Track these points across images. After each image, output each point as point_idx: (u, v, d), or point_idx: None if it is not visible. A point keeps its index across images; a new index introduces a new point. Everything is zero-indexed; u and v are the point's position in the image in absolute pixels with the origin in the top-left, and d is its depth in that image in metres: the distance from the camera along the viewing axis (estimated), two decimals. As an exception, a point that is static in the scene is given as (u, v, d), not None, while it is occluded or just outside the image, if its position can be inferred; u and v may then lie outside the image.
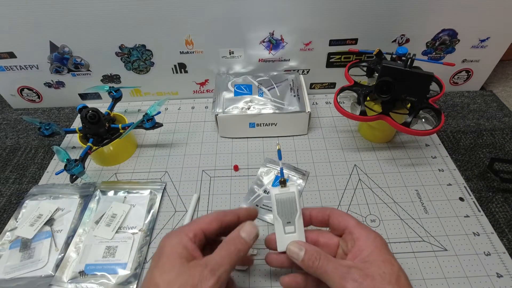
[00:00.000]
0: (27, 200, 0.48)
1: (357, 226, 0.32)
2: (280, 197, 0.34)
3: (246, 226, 0.32)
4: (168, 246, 0.29)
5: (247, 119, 0.54)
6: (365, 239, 0.31)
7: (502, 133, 0.58)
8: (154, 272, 0.28)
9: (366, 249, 0.30)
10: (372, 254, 0.30)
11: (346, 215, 0.34)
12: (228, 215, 0.33)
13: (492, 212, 0.46)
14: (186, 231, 0.30)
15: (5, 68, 0.60)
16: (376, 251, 0.30)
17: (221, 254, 0.29)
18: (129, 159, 0.55)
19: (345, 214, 0.34)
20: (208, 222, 0.32)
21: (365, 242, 0.31)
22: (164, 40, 0.57)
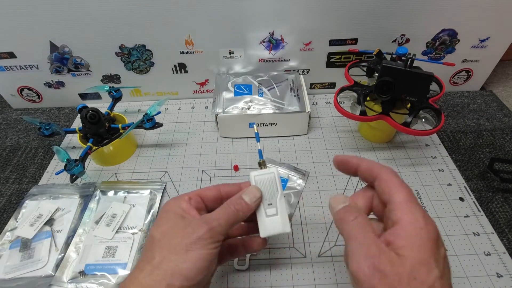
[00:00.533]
0: (27, 200, 0.48)
1: (403, 205, 0.25)
2: (259, 178, 0.32)
3: (250, 189, 0.31)
4: (166, 207, 0.31)
5: (247, 119, 0.54)
6: (406, 225, 0.24)
7: (502, 133, 0.58)
8: (152, 229, 0.29)
9: (403, 239, 0.24)
10: (408, 248, 0.23)
11: (396, 185, 0.26)
12: (229, 185, 0.33)
13: (492, 212, 0.46)
14: (183, 195, 0.31)
15: (5, 68, 0.60)
16: (415, 246, 0.23)
17: (218, 211, 0.30)
18: (129, 159, 0.55)
19: (395, 182, 0.27)
20: (206, 188, 0.33)
21: (405, 229, 0.24)
22: (164, 40, 0.57)
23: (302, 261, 0.41)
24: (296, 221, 0.45)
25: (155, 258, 0.27)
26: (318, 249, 0.42)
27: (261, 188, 0.32)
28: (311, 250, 0.42)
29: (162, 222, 0.29)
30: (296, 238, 0.43)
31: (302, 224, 0.44)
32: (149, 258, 0.27)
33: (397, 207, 0.25)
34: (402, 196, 0.25)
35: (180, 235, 0.27)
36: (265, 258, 0.41)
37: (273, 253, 0.42)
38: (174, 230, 0.28)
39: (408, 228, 0.24)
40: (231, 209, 0.30)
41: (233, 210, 0.30)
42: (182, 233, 0.28)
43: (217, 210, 0.30)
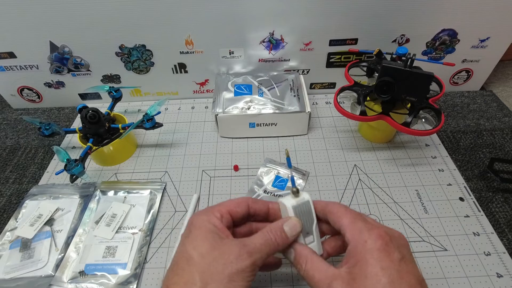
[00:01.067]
0: (27, 200, 0.48)
1: (349, 226, 0.28)
2: (298, 209, 0.31)
3: (292, 220, 0.30)
4: (197, 222, 0.29)
5: (247, 119, 0.54)
6: (354, 243, 0.27)
7: (502, 133, 0.58)
8: (187, 245, 0.28)
9: (354, 256, 0.26)
10: (358, 264, 0.25)
11: (342, 212, 0.29)
12: (258, 203, 0.32)
13: (492, 212, 0.46)
14: (213, 211, 0.30)
15: (5, 68, 0.60)
16: (361, 262, 0.25)
17: (260, 241, 0.28)
18: (129, 159, 0.55)
19: (341, 210, 0.29)
20: (235, 205, 0.31)
21: (353, 247, 0.27)
22: (164, 40, 0.57)
23: (302, 261, 0.41)
24: (296, 221, 0.45)
25: (196, 283, 0.26)
26: (318, 249, 0.42)
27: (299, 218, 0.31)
28: (311, 250, 0.42)
29: (199, 240, 0.28)
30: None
31: (302, 224, 0.44)
32: (189, 281, 0.26)
33: (345, 230, 0.28)
34: (347, 219, 0.28)
35: (221, 262, 0.26)
36: (265, 258, 0.41)
37: (273, 253, 0.42)
38: (213, 254, 0.27)
39: (355, 246, 0.26)
40: (272, 240, 0.28)
41: (274, 242, 0.29)
42: (224, 260, 0.26)
43: (259, 238, 0.29)
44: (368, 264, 0.25)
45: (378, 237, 0.26)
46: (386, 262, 0.25)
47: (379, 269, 0.24)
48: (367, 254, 0.25)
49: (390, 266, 0.24)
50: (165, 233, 0.44)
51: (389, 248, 0.25)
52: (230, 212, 0.30)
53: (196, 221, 0.29)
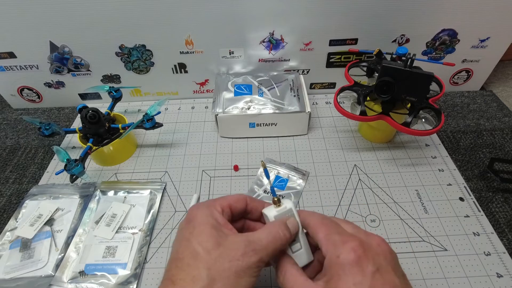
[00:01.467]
0: (27, 200, 0.48)
1: (324, 240, 0.27)
2: (279, 218, 0.30)
3: (292, 219, 0.30)
4: (199, 216, 0.29)
5: (247, 119, 0.54)
6: (329, 258, 0.26)
7: (502, 133, 0.58)
8: (192, 240, 0.27)
9: (329, 271, 0.26)
10: (332, 280, 0.25)
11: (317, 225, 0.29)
12: (255, 201, 0.32)
13: (492, 212, 0.46)
14: (214, 205, 0.30)
15: (5, 68, 0.60)
16: (336, 276, 0.25)
17: (267, 237, 0.28)
18: (129, 159, 0.55)
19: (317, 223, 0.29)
20: (235, 200, 0.31)
21: (329, 260, 0.26)
22: (164, 40, 0.57)
23: (302, 261, 0.41)
24: (296, 221, 0.45)
25: (204, 280, 0.25)
26: (318, 249, 0.42)
27: None
28: (311, 250, 0.42)
29: (204, 236, 0.27)
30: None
31: (302, 224, 0.44)
32: (196, 279, 0.26)
33: (321, 244, 0.27)
34: (322, 233, 0.28)
35: (227, 259, 0.26)
36: (265, 258, 0.41)
37: (273, 253, 0.42)
38: (219, 250, 0.26)
39: (330, 260, 0.26)
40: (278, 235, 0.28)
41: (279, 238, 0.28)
42: (230, 257, 0.26)
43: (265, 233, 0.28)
44: (340, 279, 0.25)
45: (350, 250, 0.25)
46: (358, 277, 0.24)
47: (351, 285, 0.24)
48: (339, 270, 0.25)
49: (363, 281, 0.24)
50: (165, 233, 0.44)
51: (362, 262, 0.25)
52: (230, 207, 0.30)
53: (197, 214, 0.29)
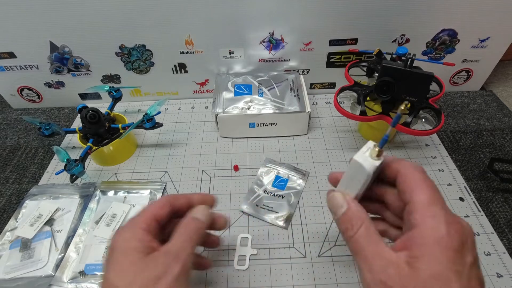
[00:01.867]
0: (27, 200, 0.48)
1: (424, 208, 0.23)
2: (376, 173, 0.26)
3: (197, 208, 0.30)
4: (121, 243, 0.26)
5: (247, 119, 0.54)
6: (425, 233, 0.22)
7: (502, 133, 0.58)
8: (110, 274, 0.25)
9: (419, 248, 0.21)
10: (423, 260, 0.21)
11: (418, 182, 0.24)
12: (180, 199, 0.31)
13: (492, 212, 0.46)
14: (138, 223, 0.27)
15: (5, 68, 0.60)
16: (431, 258, 0.21)
17: (181, 239, 0.27)
18: (129, 159, 0.55)
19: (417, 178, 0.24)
20: (159, 207, 0.29)
21: (423, 237, 0.22)
22: (164, 40, 0.57)
23: (302, 261, 0.41)
24: (296, 221, 0.45)
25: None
26: (318, 249, 0.42)
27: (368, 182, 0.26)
28: (311, 250, 0.42)
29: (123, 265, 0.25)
30: (296, 238, 0.43)
31: (302, 224, 0.44)
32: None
33: (417, 209, 0.23)
34: (423, 197, 0.23)
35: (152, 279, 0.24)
36: (265, 258, 0.41)
37: (273, 253, 0.42)
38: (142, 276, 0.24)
39: (426, 236, 0.22)
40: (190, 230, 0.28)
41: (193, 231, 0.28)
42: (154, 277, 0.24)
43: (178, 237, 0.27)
44: (439, 263, 0.21)
45: (458, 234, 0.22)
46: (460, 265, 0.21)
47: (453, 273, 0.20)
48: (440, 252, 0.21)
49: (463, 271, 0.21)
50: (165, 233, 0.44)
51: (465, 250, 0.22)
52: (155, 218, 0.28)
53: (118, 242, 0.26)
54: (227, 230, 0.44)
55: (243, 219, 0.45)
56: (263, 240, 0.43)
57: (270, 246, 0.42)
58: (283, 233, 0.44)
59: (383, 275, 0.21)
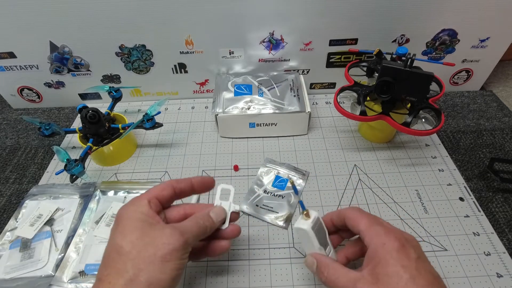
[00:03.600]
0: (27, 200, 0.48)
1: (368, 229, 0.30)
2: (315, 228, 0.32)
3: (217, 209, 0.34)
4: (125, 213, 0.29)
5: (247, 119, 0.54)
6: (373, 246, 0.29)
7: (502, 133, 0.58)
8: (116, 236, 0.28)
9: (375, 258, 0.28)
10: (380, 264, 0.27)
11: (359, 215, 0.31)
12: (182, 182, 0.33)
13: (492, 212, 0.46)
14: (140, 199, 0.30)
15: (5, 68, 0.60)
16: (383, 262, 0.27)
17: (191, 224, 0.30)
18: (129, 159, 0.55)
19: (358, 214, 0.32)
20: (161, 189, 0.32)
21: (373, 249, 0.28)
22: (164, 40, 0.57)
23: (302, 261, 0.41)
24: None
25: (128, 271, 0.26)
26: (318, 249, 0.42)
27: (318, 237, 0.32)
28: (311, 250, 0.42)
29: (128, 230, 0.28)
30: (296, 238, 0.43)
31: (302, 224, 0.44)
32: (121, 271, 0.26)
33: (364, 234, 0.30)
34: (364, 223, 0.30)
35: (153, 246, 0.27)
36: (265, 258, 0.41)
37: (273, 253, 0.42)
38: (144, 240, 0.27)
39: (375, 248, 0.28)
40: (201, 223, 0.31)
41: (203, 226, 0.31)
42: (156, 243, 0.27)
43: (188, 222, 0.31)
44: (388, 264, 0.27)
45: (395, 239, 0.28)
46: (405, 261, 0.27)
47: (400, 267, 0.26)
48: (387, 255, 0.27)
49: (409, 264, 0.26)
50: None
51: (406, 249, 0.28)
52: (157, 197, 0.31)
53: (123, 212, 0.30)
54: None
55: (243, 219, 0.45)
56: (263, 240, 0.43)
57: (270, 246, 0.42)
58: (283, 233, 0.44)
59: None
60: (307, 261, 0.33)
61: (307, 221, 0.32)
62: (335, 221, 0.34)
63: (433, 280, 0.27)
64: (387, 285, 0.26)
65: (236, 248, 0.42)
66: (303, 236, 0.33)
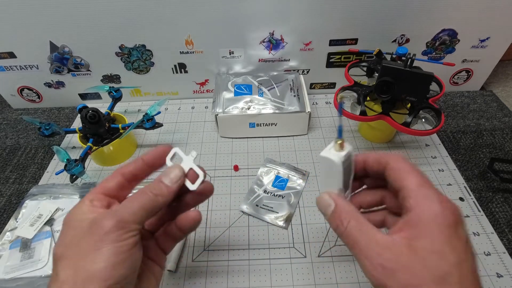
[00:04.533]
0: (27, 200, 0.48)
1: (415, 191, 0.24)
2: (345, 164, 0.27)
3: (169, 169, 0.28)
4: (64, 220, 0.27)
5: (247, 119, 0.54)
6: (419, 213, 0.23)
7: (502, 133, 0.58)
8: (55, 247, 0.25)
9: (418, 227, 0.22)
10: (420, 238, 0.22)
11: (408, 168, 0.25)
12: (130, 165, 0.29)
13: (492, 212, 0.46)
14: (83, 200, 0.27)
15: (5, 68, 0.60)
16: (428, 235, 0.22)
17: (130, 199, 0.26)
18: (129, 159, 0.55)
19: (407, 166, 0.25)
20: (106, 180, 0.28)
21: (418, 217, 0.23)
22: (164, 40, 0.57)
23: (302, 261, 0.41)
24: (296, 221, 0.45)
25: (59, 274, 0.23)
26: (318, 249, 0.42)
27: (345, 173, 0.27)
28: (311, 250, 0.42)
29: (63, 236, 0.26)
30: (296, 238, 0.43)
31: (302, 224, 0.44)
32: (53, 278, 0.24)
33: (409, 194, 0.24)
34: (414, 181, 0.24)
35: (86, 238, 0.24)
36: (265, 258, 0.41)
37: (273, 253, 0.42)
38: (78, 237, 0.24)
39: (422, 215, 0.23)
40: (148, 195, 0.26)
41: (150, 196, 0.26)
42: (88, 234, 0.24)
43: (128, 198, 0.26)
44: (436, 239, 0.22)
45: (451, 212, 0.23)
46: (455, 241, 0.22)
47: (450, 248, 0.21)
48: (436, 229, 0.22)
49: (459, 246, 0.22)
50: (165, 233, 0.44)
51: (459, 227, 0.23)
52: (103, 192, 0.27)
53: (65, 218, 0.27)
54: (227, 230, 0.44)
55: (243, 219, 0.45)
56: (263, 240, 0.43)
57: (270, 246, 0.42)
58: (283, 233, 0.44)
59: (381, 259, 0.22)
60: (321, 199, 0.27)
61: (339, 153, 0.26)
62: (370, 165, 0.28)
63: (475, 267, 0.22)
64: (426, 264, 0.21)
65: (236, 248, 0.42)
66: (329, 168, 0.27)
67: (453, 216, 0.22)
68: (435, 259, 0.21)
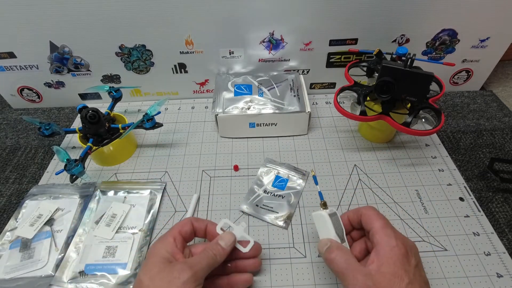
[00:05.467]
0: (27, 200, 0.48)
1: (381, 230, 0.33)
2: (333, 218, 0.35)
3: (224, 235, 0.36)
4: (153, 251, 0.34)
5: (247, 119, 0.54)
6: (383, 246, 0.31)
7: (502, 133, 0.58)
8: (140, 273, 0.32)
9: (381, 257, 0.31)
10: (385, 265, 0.30)
11: (375, 216, 0.34)
12: (198, 221, 0.38)
13: (492, 212, 0.46)
14: (167, 237, 0.35)
15: (5, 68, 0.60)
16: (389, 262, 0.30)
17: (200, 256, 0.33)
18: (129, 159, 0.55)
19: (375, 214, 0.34)
20: (182, 225, 0.36)
21: (382, 249, 0.31)
22: (164, 40, 0.57)
23: (302, 261, 0.41)
24: (296, 221, 0.45)
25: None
26: (318, 249, 0.42)
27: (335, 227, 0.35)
28: (311, 250, 0.42)
29: (150, 267, 0.32)
30: (296, 238, 0.43)
31: (302, 224, 0.44)
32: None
33: (375, 232, 0.33)
34: (379, 224, 0.33)
35: (167, 280, 0.30)
36: (265, 258, 0.41)
37: (273, 253, 0.42)
38: (161, 275, 0.31)
39: (384, 248, 0.31)
40: (210, 254, 0.33)
41: (212, 255, 0.33)
42: (169, 278, 0.30)
43: (199, 255, 0.33)
44: (395, 265, 0.30)
45: (402, 245, 0.31)
46: (407, 266, 0.30)
47: (403, 271, 0.30)
48: (393, 257, 0.30)
49: (410, 270, 0.30)
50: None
51: (409, 255, 0.31)
52: (180, 232, 0.35)
53: (152, 250, 0.34)
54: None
55: (243, 219, 0.45)
56: (263, 240, 0.43)
57: (270, 246, 0.42)
58: (283, 233, 0.44)
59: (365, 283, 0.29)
60: (321, 243, 0.35)
61: (325, 210, 0.36)
62: (351, 218, 0.37)
63: (424, 285, 0.31)
64: (391, 284, 0.29)
65: (236, 248, 0.42)
66: (321, 222, 0.36)
67: (404, 248, 0.31)
68: (396, 280, 0.29)
